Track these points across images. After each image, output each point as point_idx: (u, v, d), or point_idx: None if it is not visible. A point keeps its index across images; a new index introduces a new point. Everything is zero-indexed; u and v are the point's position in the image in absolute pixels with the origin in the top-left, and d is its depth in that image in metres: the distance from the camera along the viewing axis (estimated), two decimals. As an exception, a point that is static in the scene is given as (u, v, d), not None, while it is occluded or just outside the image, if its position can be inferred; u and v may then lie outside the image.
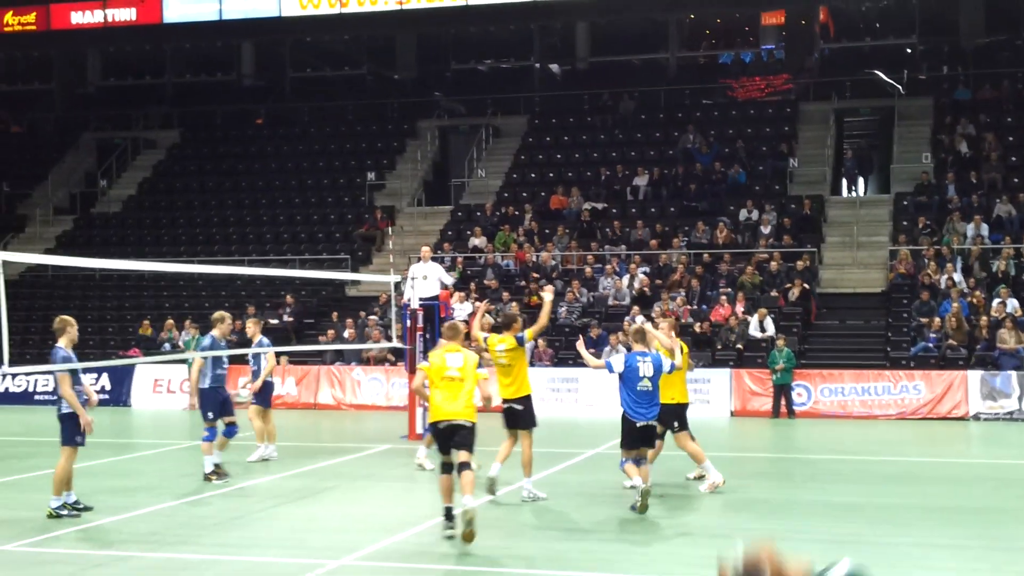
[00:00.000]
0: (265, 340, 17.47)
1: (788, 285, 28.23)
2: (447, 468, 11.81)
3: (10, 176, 37.81)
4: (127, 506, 13.40)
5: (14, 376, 28.07)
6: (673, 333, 14.36)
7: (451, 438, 11.73)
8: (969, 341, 25.55)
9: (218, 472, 15.38)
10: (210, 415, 15.53)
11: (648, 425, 12.98)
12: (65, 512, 12.69)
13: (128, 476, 16.07)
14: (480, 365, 12.06)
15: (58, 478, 12.71)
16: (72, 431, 12.65)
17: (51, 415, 13.21)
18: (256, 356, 17.35)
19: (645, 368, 12.90)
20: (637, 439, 12.96)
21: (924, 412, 24.18)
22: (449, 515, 11.61)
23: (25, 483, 15.67)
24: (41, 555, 10.99)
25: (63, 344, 12.75)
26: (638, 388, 12.88)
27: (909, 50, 39.36)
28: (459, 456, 11.65)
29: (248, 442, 17.82)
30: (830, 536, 11.65)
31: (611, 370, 13.09)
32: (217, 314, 16.16)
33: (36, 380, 28.39)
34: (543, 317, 14.60)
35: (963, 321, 25.63)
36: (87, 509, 12.87)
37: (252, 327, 17.94)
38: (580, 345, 14.25)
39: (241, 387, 18.52)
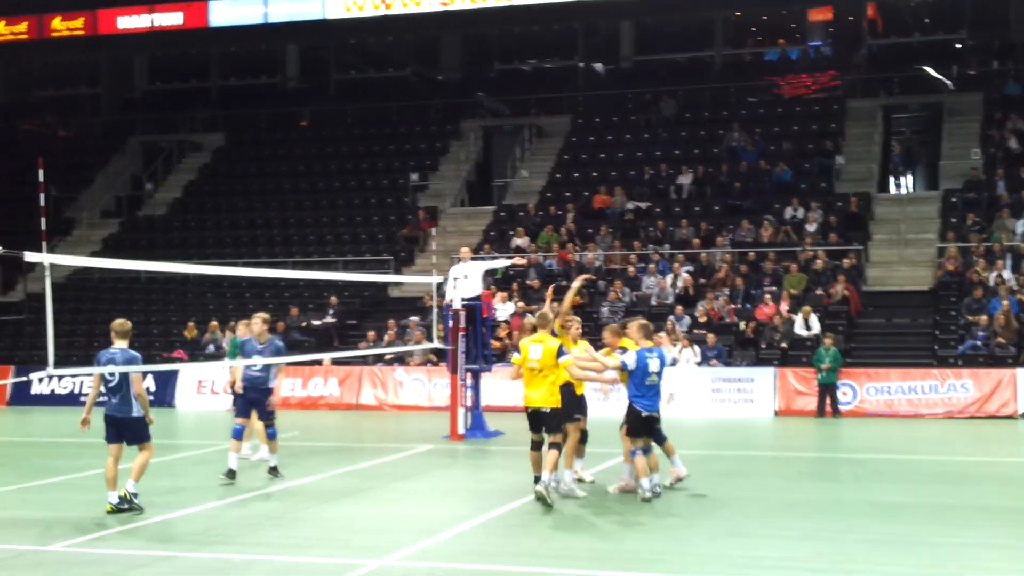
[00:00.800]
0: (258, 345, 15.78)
1: (834, 285, 27.92)
2: (535, 446, 13.58)
3: (57, 180, 38.15)
4: (172, 506, 13.44)
5: (60, 378, 28.33)
6: (642, 335, 13.76)
7: (538, 422, 13.46)
8: (1018, 339, 25.19)
9: (233, 472, 15.33)
10: (232, 412, 15.70)
11: (652, 416, 13.65)
12: (126, 506, 12.87)
13: (173, 476, 16.11)
14: (562, 353, 13.37)
15: (140, 467, 13.01)
16: (146, 427, 13.03)
17: (98, 417, 13.25)
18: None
19: (653, 364, 13.53)
20: (642, 428, 13.58)
21: (972, 411, 23.86)
22: (537, 480, 13.28)
23: (73, 484, 15.75)
24: (87, 555, 11.02)
25: (126, 346, 12.96)
26: (646, 383, 13.50)
27: (958, 45, 38.87)
28: (550, 437, 13.43)
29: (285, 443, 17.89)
30: (878, 536, 11.47)
31: (626, 367, 13.52)
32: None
33: (82, 382, 28.57)
34: (565, 301, 15.04)
35: (1012, 319, 25.27)
36: (132, 510, 12.91)
37: (242, 329, 16.85)
38: (590, 350, 14.27)
39: None
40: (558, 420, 13.46)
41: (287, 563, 10.61)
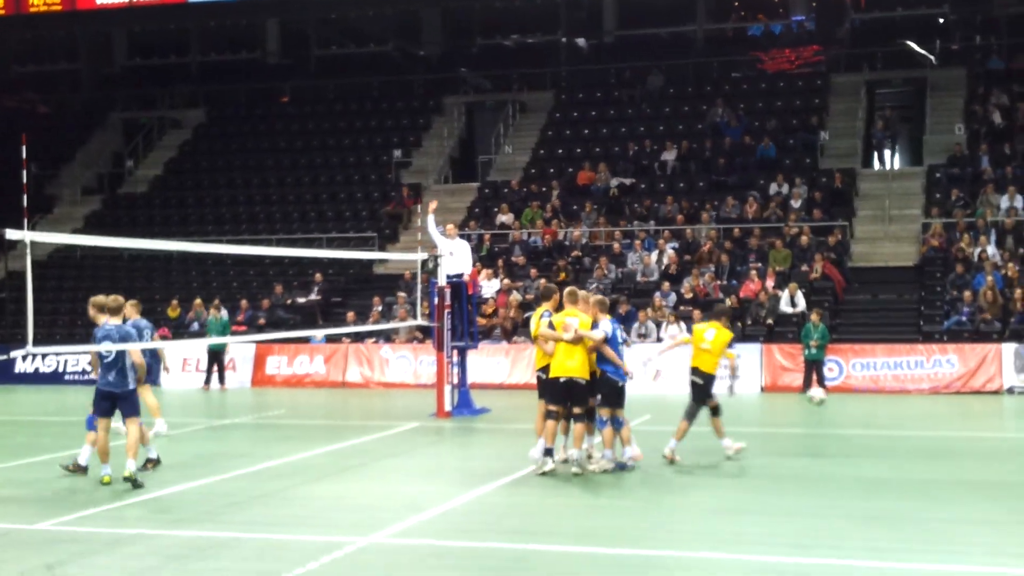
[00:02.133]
0: (143, 322, 15.47)
1: (818, 260, 27.92)
2: (552, 415, 13.48)
3: (37, 157, 37.86)
4: (157, 484, 13.38)
5: (44, 356, 28.19)
6: (600, 310, 13.94)
7: (568, 392, 13.40)
8: (1003, 314, 25.25)
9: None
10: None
11: (625, 386, 13.91)
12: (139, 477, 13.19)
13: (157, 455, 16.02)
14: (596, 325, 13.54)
15: (135, 443, 13.18)
16: (138, 400, 13.50)
17: (83, 394, 13.23)
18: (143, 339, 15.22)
19: (620, 333, 14.07)
20: (616, 399, 13.81)
21: (957, 386, 23.94)
22: (548, 453, 13.50)
23: (59, 462, 15.60)
24: (74, 533, 10.96)
25: (120, 322, 13.42)
26: (619, 351, 13.80)
27: (941, 20, 38.82)
28: (575, 409, 13.51)
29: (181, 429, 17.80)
30: (863, 512, 11.47)
31: (606, 334, 13.68)
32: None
33: (66, 360, 28.47)
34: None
35: (997, 294, 25.33)
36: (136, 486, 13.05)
37: (130, 309, 15.68)
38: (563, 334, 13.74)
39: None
40: (587, 392, 13.59)
41: (273, 541, 10.55)
